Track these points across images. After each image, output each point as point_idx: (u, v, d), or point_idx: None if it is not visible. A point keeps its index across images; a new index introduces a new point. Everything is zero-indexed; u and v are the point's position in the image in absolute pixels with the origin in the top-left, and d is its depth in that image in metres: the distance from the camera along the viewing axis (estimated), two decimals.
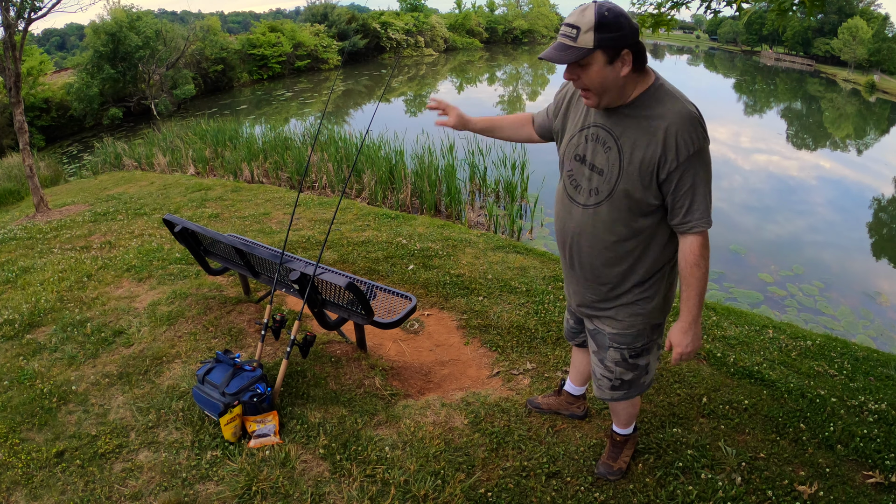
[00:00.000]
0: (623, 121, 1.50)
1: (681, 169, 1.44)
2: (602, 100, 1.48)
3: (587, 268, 1.70)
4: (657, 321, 1.74)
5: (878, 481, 2.11)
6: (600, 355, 1.83)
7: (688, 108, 1.44)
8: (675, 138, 1.42)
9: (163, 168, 10.18)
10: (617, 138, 1.51)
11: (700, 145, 1.44)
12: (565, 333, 2.16)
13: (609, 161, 1.53)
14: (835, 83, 38.20)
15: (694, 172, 1.45)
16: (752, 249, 7.65)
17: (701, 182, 1.47)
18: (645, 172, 1.48)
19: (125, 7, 22.92)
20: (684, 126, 1.42)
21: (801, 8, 3.04)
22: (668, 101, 1.45)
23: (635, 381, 1.83)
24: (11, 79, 6.13)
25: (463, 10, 58.06)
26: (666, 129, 1.43)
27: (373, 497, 1.98)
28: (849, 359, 3.21)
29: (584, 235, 1.65)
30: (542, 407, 2.43)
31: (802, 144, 17.48)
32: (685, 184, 1.46)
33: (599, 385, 1.89)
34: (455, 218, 7.52)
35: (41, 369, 2.81)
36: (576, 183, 1.64)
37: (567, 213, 1.69)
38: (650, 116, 1.46)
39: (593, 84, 1.44)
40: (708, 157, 1.48)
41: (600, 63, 1.40)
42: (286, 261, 2.77)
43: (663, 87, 1.48)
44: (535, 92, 27.40)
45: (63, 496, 2.03)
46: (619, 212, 1.56)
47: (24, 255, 4.75)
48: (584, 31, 1.36)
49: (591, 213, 1.61)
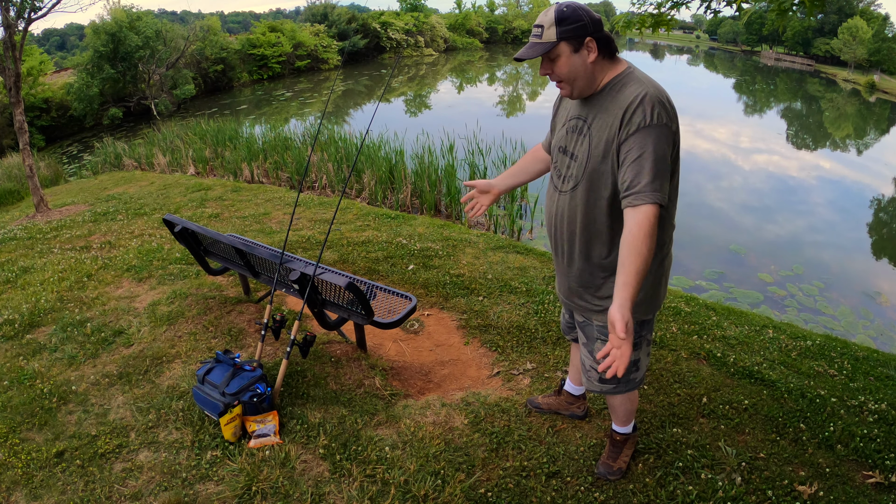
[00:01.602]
0: (593, 107, 1.59)
1: (631, 139, 1.46)
2: (574, 88, 1.57)
3: (568, 253, 1.75)
4: (645, 317, 1.74)
5: (878, 481, 2.11)
6: (589, 347, 1.85)
7: (651, 89, 1.47)
8: (631, 112, 1.47)
9: (163, 168, 10.18)
10: (589, 125, 1.59)
11: (656, 121, 1.44)
12: (562, 328, 2.17)
13: (582, 147, 1.62)
14: (835, 83, 38.19)
15: (643, 143, 1.44)
16: (752, 249, 7.66)
17: (651, 155, 1.42)
18: (608, 152, 1.54)
19: (125, 7, 22.92)
20: (642, 102, 1.46)
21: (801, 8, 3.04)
22: (633, 85, 1.51)
23: (624, 376, 1.83)
24: (11, 79, 6.13)
25: (463, 10, 58.05)
26: (626, 107, 1.48)
27: (373, 497, 1.98)
28: (849, 359, 3.21)
29: (564, 219, 1.72)
30: (542, 407, 2.44)
31: (802, 144, 17.48)
32: (633, 154, 1.45)
33: (588, 377, 1.90)
34: (455, 218, 7.52)
35: (41, 369, 2.81)
36: (559, 172, 1.73)
37: (551, 202, 1.78)
38: (615, 99, 1.52)
39: (563, 74, 1.54)
40: (666, 138, 1.44)
41: (567, 53, 1.51)
42: (286, 261, 2.77)
43: (632, 74, 1.55)
44: (535, 92, 27.38)
45: (63, 496, 2.03)
46: (591, 192, 1.61)
47: (24, 255, 4.75)
48: (548, 27, 1.50)
49: (568, 197, 1.69)
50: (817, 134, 20.15)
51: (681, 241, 1.78)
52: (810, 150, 16.79)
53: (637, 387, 1.88)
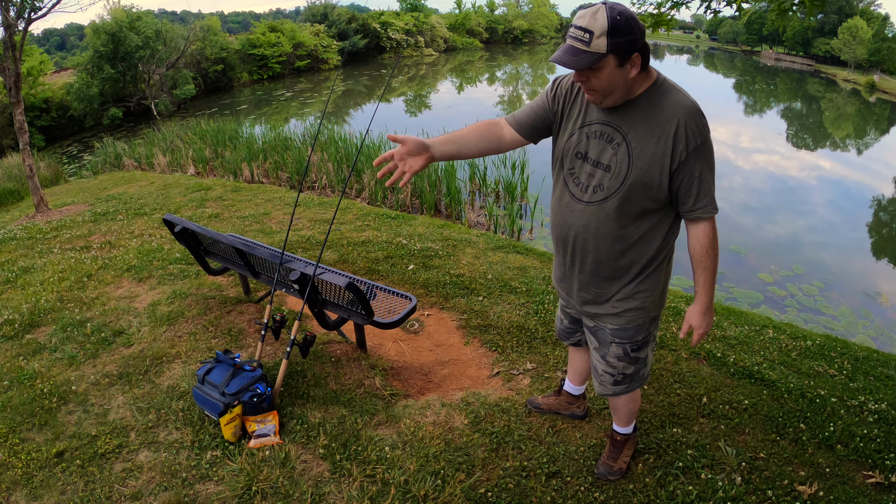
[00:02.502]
0: (630, 116, 1.53)
1: (690, 159, 1.50)
2: (608, 99, 1.51)
3: (591, 264, 1.71)
4: (655, 314, 1.79)
5: (878, 481, 2.11)
6: (602, 351, 1.85)
7: (692, 101, 1.51)
8: (684, 130, 1.47)
9: (163, 168, 10.18)
10: (625, 134, 1.53)
11: (705, 136, 1.51)
12: (558, 333, 2.15)
13: (618, 157, 1.55)
14: (835, 83, 38.19)
15: (701, 161, 1.51)
16: (752, 249, 7.66)
17: (706, 170, 1.53)
18: (655, 166, 1.51)
19: (125, 7, 22.91)
20: (691, 118, 1.48)
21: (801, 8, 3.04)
22: (672, 96, 1.50)
23: (636, 374, 1.86)
24: (11, 79, 6.13)
25: (463, 10, 58.05)
26: (676, 122, 1.47)
27: (373, 497, 1.98)
28: (849, 359, 3.21)
29: (589, 232, 1.65)
30: (542, 407, 2.43)
31: (802, 144, 17.48)
32: (694, 172, 1.52)
33: (602, 381, 1.90)
34: (455, 218, 7.52)
35: (41, 369, 2.81)
36: (577, 181, 1.65)
37: (568, 212, 1.69)
38: (658, 111, 1.50)
39: (602, 86, 1.46)
40: (711, 149, 1.54)
41: (611, 67, 1.41)
42: (286, 261, 2.77)
43: (666, 83, 1.53)
44: (535, 92, 27.39)
45: (63, 496, 2.03)
46: (628, 206, 1.58)
47: (24, 255, 4.75)
48: (598, 35, 1.36)
49: (595, 209, 1.62)
50: (817, 134, 20.15)
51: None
52: (810, 150, 16.79)
53: (644, 382, 1.93)
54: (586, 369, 2.25)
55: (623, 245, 1.65)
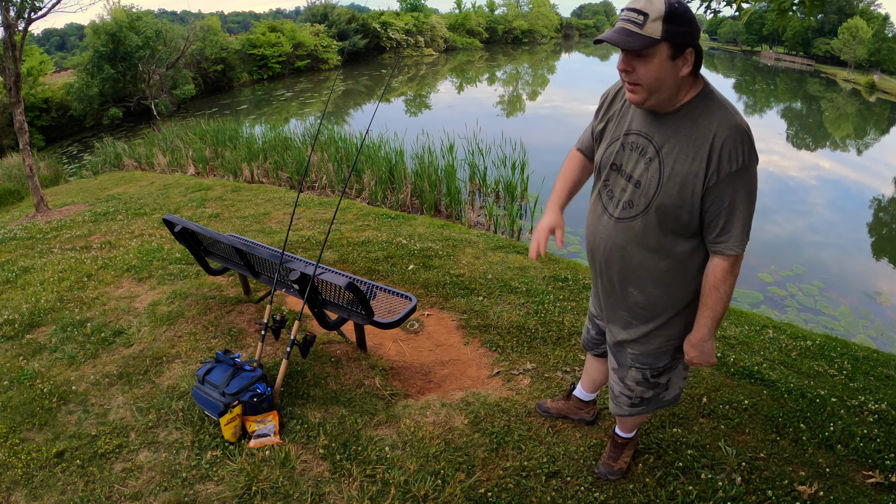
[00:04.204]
0: (666, 129, 1.40)
1: (722, 185, 1.34)
2: (651, 99, 1.36)
3: (617, 285, 1.62)
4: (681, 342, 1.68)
5: (878, 481, 2.11)
6: (620, 374, 1.78)
7: (737, 121, 1.33)
8: (719, 152, 1.32)
9: (163, 168, 10.18)
10: (659, 149, 1.41)
11: (745, 162, 1.32)
12: (584, 342, 2.08)
13: (649, 173, 1.43)
14: (835, 83, 38.19)
15: (734, 190, 1.34)
16: (752, 249, 7.63)
17: (741, 202, 1.36)
18: (685, 188, 1.37)
19: (125, 7, 22.93)
20: (731, 139, 1.31)
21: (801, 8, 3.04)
22: (717, 111, 1.34)
23: (655, 397, 1.79)
24: (11, 79, 6.13)
25: (463, 10, 58.09)
26: (712, 141, 1.32)
27: (373, 497, 1.98)
28: (849, 359, 3.21)
29: (614, 250, 1.56)
30: (550, 411, 2.41)
31: (802, 144, 17.48)
32: (724, 201, 1.36)
33: (618, 402, 1.83)
34: (455, 218, 7.52)
35: (41, 369, 2.81)
36: (611, 193, 1.55)
37: (598, 224, 1.60)
38: (696, 127, 1.35)
39: (649, 79, 1.32)
40: (753, 178, 1.36)
41: (663, 57, 1.29)
42: (286, 261, 2.77)
43: (713, 95, 1.37)
44: (535, 92, 27.39)
45: (63, 496, 2.03)
46: (654, 229, 1.46)
47: (24, 255, 4.75)
48: (653, 18, 1.25)
49: (623, 228, 1.51)
50: (817, 134, 20.15)
51: None
52: (810, 150, 16.79)
53: (666, 406, 1.83)
54: (602, 380, 2.19)
55: (650, 273, 1.53)
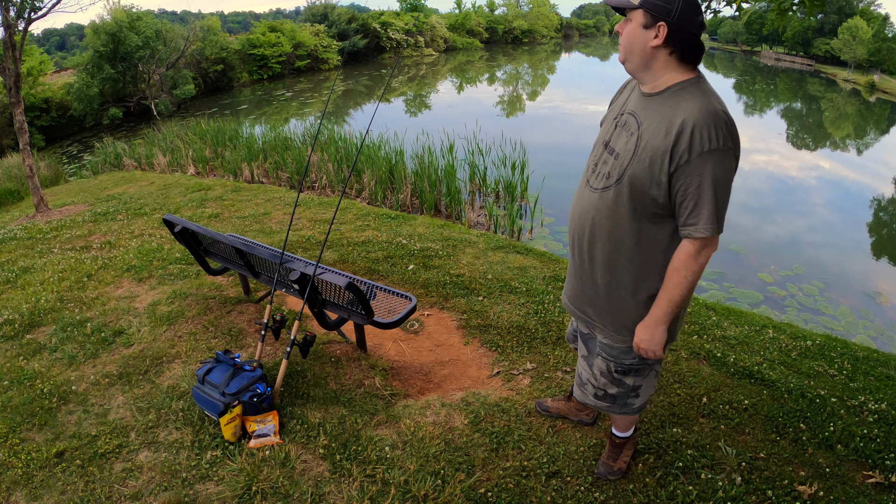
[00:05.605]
0: (649, 108, 1.48)
1: (691, 165, 1.37)
2: (627, 62, 1.49)
3: (586, 257, 1.65)
4: None
5: (878, 481, 2.11)
6: (589, 360, 1.82)
7: (716, 107, 1.38)
8: (691, 130, 1.36)
9: (163, 168, 10.18)
10: (640, 125, 1.49)
11: (718, 145, 1.36)
12: (568, 336, 2.12)
13: (627, 146, 1.50)
14: (835, 83, 38.17)
15: (703, 172, 1.37)
16: (752, 249, 7.65)
17: (710, 185, 1.38)
18: (655, 162, 1.42)
19: (125, 7, 22.91)
20: (706, 120, 1.36)
21: (801, 8, 3.04)
22: (699, 97, 1.41)
23: (620, 398, 1.78)
24: (11, 79, 6.13)
25: (463, 10, 58.09)
26: (683, 120, 1.37)
27: (373, 497, 1.98)
28: (849, 359, 3.21)
29: (586, 220, 1.61)
30: (550, 410, 2.41)
31: (802, 144, 17.47)
32: (692, 182, 1.39)
33: (584, 390, 1.86)
34: (455, 218, 7.52)
35: (41, 369, 2.81)
36: (596, 168, 1.61)
37: (579, 197, 1.66)
38: (676, 108, 1.41)
39: (624, 41, 1.47)
40: (728, 163, 1.39)
41: (636, 23, 1.43)
42: (286, 261, 2.77)
43: (698, 84, 1.44)
44: (535, 92, 27.38)
45: (63, 496, 2.03)
46: (623, 201, 1.50)
47: (24, 255, 4.75)
48: None
49: (597, 197, 1.57)
50: (817, 134, 20.14)
51: None
52: (810, 150, 16.78)
53: (635, 413, 1.82)
54: None
55: (616, 250, 1.55)
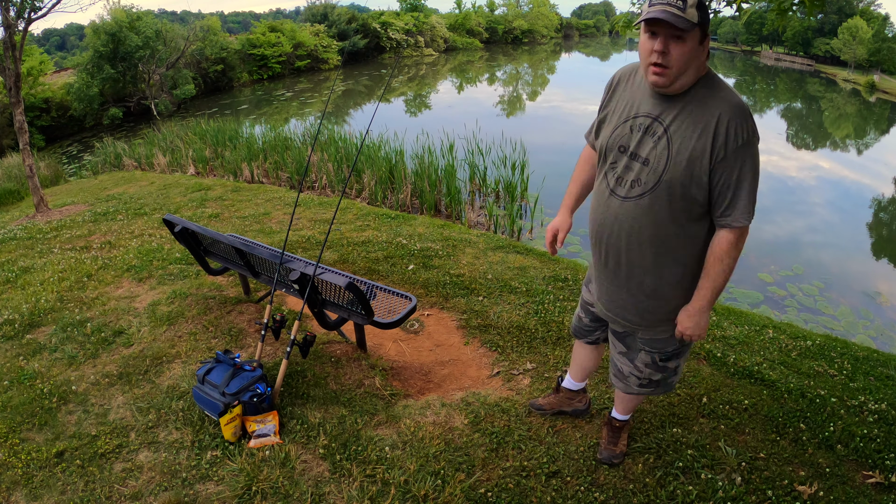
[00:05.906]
0: (673, 109, 1.47)
1: (729, 160, 1.42)
2: (678, 80, 1.44)
3: (624, 267, 1.64)
4: None
5: (878, 481, 2.11)
6: (630, 356, 1.84)
7: (739, 100, 1.43)
8: (725, 128, 1.40)
9: (163, 168, 10.18)
10: (666, 128, 1.48)
11: (749, 138, 1.41)
12: (574, 329, 2.12)
13: (657, 150, 1.49)
14: (835, 83, 38.16)
15: (741, 165, 1.42)
16: (752, 249, 7.65)
17: (747, 176, 1.44)
18: (693, 163, 1.44)
19: (125, 7, 22.92)
20: (736, 117, 1.40)
21: (801, 8, 3.04)
22: (720, 92, 1.43)
23: (663, 381, 1.86)
24: (11, 79, 6.13)
25: (463, 10, 58.08)
26: (718, 118, 1.40)
27: (373, 497, 1.98)
28: (849, 359, 3.21)
29: (622, 230, 1.59)
30: (544, 408, 2.42)
31: (802, 144, 17.47)
32: (731, 175, 1.43)
33: (627, 382, 1.90)
34: (455, 218, 7.52)
35: (41, 369, 2.81)
36: (617, 175, 1.58)
37: (604, 207, 1.63)
38: (703, 105, 1.43)
39: (681, 62, 1.40)
40: (757, 154, 1.45)
41: (695, 41, 1.39)
42: (286, 261, 2.77)
43: (716, 78, 1.47)
44: (535, 92, 27.39)
45: (63, 496, 2.03)
46: (664, 205, 1.50)
47: (24, 255, 4.74)
48: (691, 4, 1.36)
49: (631, 206, 1.55)
50: (817, 134, 20.14)
51: None
52: (810, 150, 16.78)
53: (671, 390, 1.93)
54: (592, 367, 2.23)
55: (660, 252, 1.56)
